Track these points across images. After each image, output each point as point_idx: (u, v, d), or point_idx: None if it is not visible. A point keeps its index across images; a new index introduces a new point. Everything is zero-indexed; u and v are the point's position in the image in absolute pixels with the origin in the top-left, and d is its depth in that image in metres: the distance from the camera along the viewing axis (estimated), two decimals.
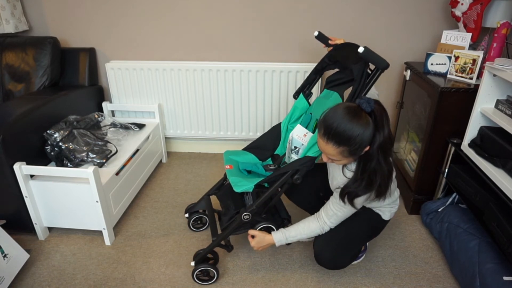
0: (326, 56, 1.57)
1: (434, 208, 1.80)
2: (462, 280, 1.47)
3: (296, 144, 1.52)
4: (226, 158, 1.63)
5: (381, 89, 2.34)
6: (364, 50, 1.20)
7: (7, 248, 1.52)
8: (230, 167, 1.55)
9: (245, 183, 1.42)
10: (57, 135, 1.75)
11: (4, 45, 2.12)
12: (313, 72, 1.63)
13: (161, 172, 2.40)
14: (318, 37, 1.56)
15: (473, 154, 1.54)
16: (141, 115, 2.46)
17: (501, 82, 1.47)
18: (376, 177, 1.20)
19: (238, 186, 1.41)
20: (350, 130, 1.11)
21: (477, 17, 1.75)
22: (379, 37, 2.19)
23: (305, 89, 1.66)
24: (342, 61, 1.50)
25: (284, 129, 1.70)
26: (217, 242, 1.51)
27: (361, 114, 1.12)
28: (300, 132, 1.52)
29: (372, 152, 1.16)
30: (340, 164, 1.26)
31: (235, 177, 1.46)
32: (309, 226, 1.41)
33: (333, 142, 1.14)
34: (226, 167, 1.55)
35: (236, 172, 1.54)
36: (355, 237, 1.46)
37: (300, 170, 1.39)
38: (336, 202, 1.34)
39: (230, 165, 1.57)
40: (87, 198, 1.64)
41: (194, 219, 1.82)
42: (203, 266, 1.51)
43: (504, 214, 1.33)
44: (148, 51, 2.36)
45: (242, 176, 1.52)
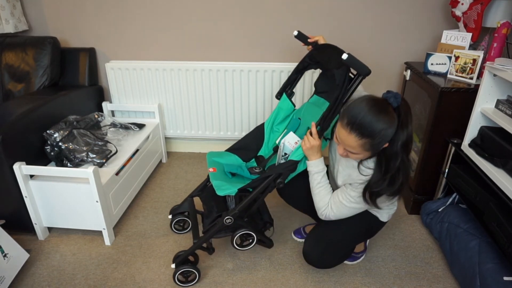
0: (307, 56, 1.56)
1: (434, 208, 1.80)
2: (462, 280, 1.47)
3: (287, 151, 1.50)
4: (209, 160, 1.60)
5: (381, 89, 2.34)
6: (347, 57, 1.19)
7: (7, 248, 1.52)
8: (213, 170, 1.53)
9: (228, 187, 1.41)
10: (57, 135, 1.75)
11: (4, 45, 2.12)
12: (294, 72, 1.60)
13: (161, 172, 2.39)
14: (298, 36, 1.54)
15: (473, 154, 1.53)
16: (141, 115, 2.46)
17: (501, 82, 1.47)
18: (399, 175, 1.18)
19: (221, 190, 1.39)
20: (376, 122, 1.09)
21: (477, 17, 1.75)
22: (379, 37, 2.19)
23: (287, 89, 1.65)
24: (324, 63, 1.50)
25: (268, 130, 1.68)
26: (198, 244, 1.50)
27: (388, 109, 1.11)
28: (292, 140, 1.50)
29: (396, 150, 1.14)
30: (356, 158, 1.24)
31: (218, 181, 1.44)
32: (324, 194, 1.37)
33: (357, 133, 1.12)
34: (210, 169, 1.53)
35: (220, 175, 1.52)
36: (348, 237, 1.45)
37: (283, 174, 1.39)
38: (346, 193, 1.31)
39: (214, 167, 1.55)
40: (87, 198, 1.64)
41: (177, 221, 1.81)
42: (184, 268, 1.50)
43: (504, 214, 1.33)
44: (148, 51, 2.36)
45: (225, 179, 1.50)
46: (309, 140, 1.33)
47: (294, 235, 1.80)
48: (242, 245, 1.56)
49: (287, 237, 1.80)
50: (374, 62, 2.26)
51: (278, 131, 1.69)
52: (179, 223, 1.82)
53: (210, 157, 1.63)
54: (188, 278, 1.53)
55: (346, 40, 2.20)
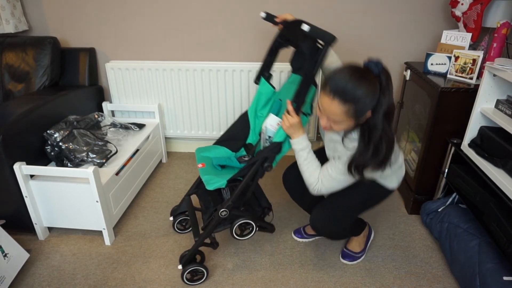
0: (278, 35, 1.54)
1: (434, 208, 1.80)
2: (462, 280, 1.47)
3: (270, 133, 1.50)
4: (198, 156, 1.59)
5: None
6: (309, 28, 1.19)
7: (7, 248, 1.52)
8: (202, 166, 1.52)
9: (217, 180, 1.40)
10: (57, 135, 1.75)
11: (4, 45, 2.12)
12: (268, 54, 1.58)
13: (161, 172, 2.40)
14: (267, 18, 1.52)
15: (473, 154, 1.54)
16: (141, 115, 2.46)
17: (501, 82, 1.47)
18: (382, 145, 1.18)
19: (210, 184, 1.39)
20: (358, 87, 1.10)
21: (477, 17, 1.75)
22: (379, 37, 2.19)
23: (264, 72, 1.62)
24: (293, 40, 1.44)
25: (252, 116, 1.66)
26: (200, 242, 1.50)
27: (369, 75, 1.12)
28: (273, 122, 1.50)
29: (377, 119, 1.15)
30: (339, 129, 1.23)
31: (207, 176, 1.43)
32: (312, 169, 1.35)
33: (340, 98, 1.12)
34: (199, 165, 1.52)
35: (209, 169, 1.51)
36: (354, 204, 1.44)
37: (269, 157, 1.39)
38: (335, 166, 1.29)
39: (202, 163, 1.53)
40: (87, 198, 1.64)
41: (179, 220, 1.81)
42: (192, 267, 1.50)
43: (504, 214, 1.33)
44: (148, 51, 2.36)
45: (215, 172, 1.49)
46: (287, 119, 1.32)
47: (294, 235, 1.80)
48: (243, 235, 1.55)
49: (287, 237, 1.80)
50: None
51: (263, 116, 1.66)
52: (181, 223, 1.82)
53: (199, 152, 1.62)
54: (195, 277, 1.53)
55: (346, 40, 2.20)
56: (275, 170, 1.56)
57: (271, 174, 2.38)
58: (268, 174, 1.62)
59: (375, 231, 1.84)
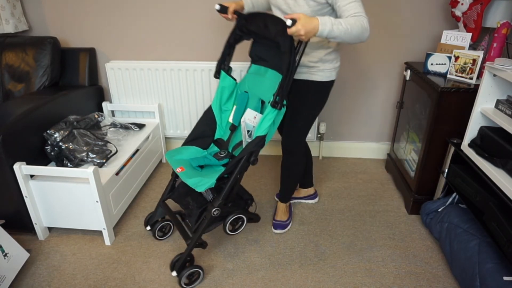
0: (237, 28, 1.53)
1: (434, 208, 1.80)
2: (462, 280, 1.47)
3: (249, 128, 1.52)
4: (171, 161, 1.54)
5: (381, 89, 2.34)
6: (292, 23, 1.19)
7: (8, 248, 1.52)
8: (181, 169, 1.47)
9: (206, 181, 1.39)
10: (57, 135, 1.75)
11: (4, 45, 2.12)
12: (226, 47, 1.58)
13: (161, 172, 2.39)
14: (221, 10, 1.50)
15: (473, 154, 1.54)
16: (141, 115, 2.46)
17: (501, 82, 1.47)
18: None
19: (201, 186, 1.37)
20: None
21: (477, 17, 1.75)
22: (379, 37, 2.19)
23: (223, 66, 1.62)
24: (260, 32, 1.43)
25: (218, 111, 1.66)
26: (193, 244, 1.48)
27: None
28: (251, 115, 1.52)
29: None
30: None
31: (193, 178, 1.40)
32: (353, 22, 1.25)
33: None
34: (177, 170, 1.47)
35: (190, 172, 1.47)
36: (312, 110, 1.60)
37: (254, 151, 1.41)
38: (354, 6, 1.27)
39: (181, 167, 1.49)
40: (87, 198, 1.64)
41: (159, 227, 1.76)
42: (187, 271, 1.48)
43: (504, 214, 1.33)
44: (148, 51, 2.36)
45: (197, 174, 1.48)
46: (297, 26, 1.20)
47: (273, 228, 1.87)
48: (234, 230, 1.58)
49: (286, 237, 1.80)
50: (374, 62, 2.26)
51: (228, 109, 1.67)
52: (161, 230, 1.79)
53: (171, 156, 1.57)
54: (193, 279, 1.53)
55: None
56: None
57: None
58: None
59: (375, 231, 1.84)
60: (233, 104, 1.66)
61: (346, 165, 2.48)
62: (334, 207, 2.03)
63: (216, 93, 1.66)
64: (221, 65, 1.62)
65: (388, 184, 2.25)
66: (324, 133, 2.49)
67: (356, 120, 2.47)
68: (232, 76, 1.64)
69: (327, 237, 1.80)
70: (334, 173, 2.37)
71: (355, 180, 2.30)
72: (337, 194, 2.15)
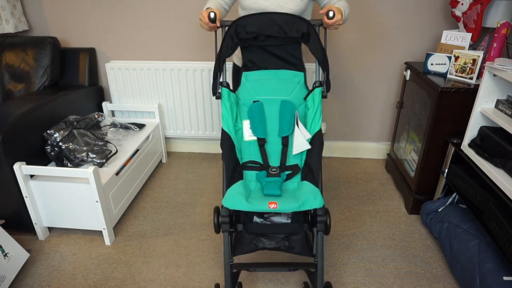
0: (234, 35, 1.39)
1: (434, 208, 1.80)
2: (462, 280, 1.47)
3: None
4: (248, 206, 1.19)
5: (381, 89, 2.34)
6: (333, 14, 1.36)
7: (8, 248, 1.52)
8: (275, 204, 1.20)
9: (314, 194, 1.22)
10: (57, 135, 1.75)
11: (4, 45, 2.12)
12: (221, 60, 1.42)
13: (161, 172, 2.40)
14: (214, 19, 1.41)
15: (473, 154, 1.54)
16: (141, 115, 2.46)
17: (501, 82, 1.47)
18: None
19: (317, 200, 1.21)
20: None
21: (477, 17, 1.75)
22: (379, 37, 2.19)
23: (223, 81, 1.45)
24: (276, 33, 1.38)
25: (233, 133, 1.40)
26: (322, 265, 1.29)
27: None
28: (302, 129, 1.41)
29: None
30: None
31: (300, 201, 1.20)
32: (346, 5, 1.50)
33: None
34: (272, 207, 1.20)
35: (284, 200, 1.24)
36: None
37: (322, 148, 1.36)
38: None
39: (272, 202, 1.21)
40: (87, 198, 1.64)
41: None
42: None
43: (504, 214, 1.33)
44: (148, 51, 2.36)
45: (291, 197, 1.27)
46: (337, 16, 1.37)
47: None
48: None
49: None
50: (374, 62, 2.26)
51: (240, 128, 1.48)
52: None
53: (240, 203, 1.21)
54: None
55: (346, 40, 2.20)
56: None
57: None
58: None
59: (375, 231, 1.84)
60: (241, 120, 1.48)
61: (346, 165, 2.48)
62: (334, 207, 2.03)
63: (225, 113, 1.39)
64: (219, 81, 1.44)
65: (388, 184, 2.25)
66: (324, 133, 2.49)
67: (356, 120, 2.47)
68: (231, 89, 1.46)
69: (328, 237, 1.80)
70: (334, 173, 2.37)
71: (355, 180, 2.30)
72: (337, 194, 2.15)
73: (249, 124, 1.47)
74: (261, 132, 1.45)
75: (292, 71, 1.48)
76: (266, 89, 1.49)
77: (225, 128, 1.38)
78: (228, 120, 1.39)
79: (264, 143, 1.46)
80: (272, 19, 1.38)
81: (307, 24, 1.37)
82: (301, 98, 1.48)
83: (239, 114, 1.49)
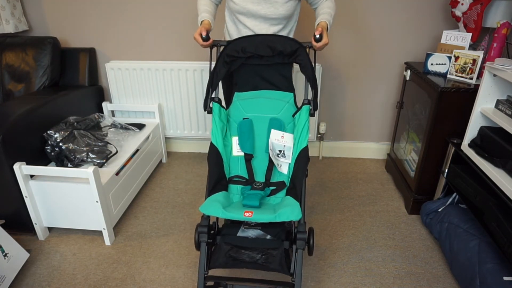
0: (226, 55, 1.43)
1: (434, 208, 1.80)
2: (462, 280, 1.47)
3: (279, 148, 1.44)
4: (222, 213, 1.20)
5: (381, 89, 2.35)
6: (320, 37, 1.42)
7: (8, 248, 1.52)
8: (251, 213, 1.21)
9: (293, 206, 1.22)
10: (57, 135, 1.75)
11: (4, 45, 2.12)
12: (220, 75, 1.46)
13: (161, 172, 2.40)
14: (207, 38, 1.45)
15: (473, 154, 1.54)
16: (141, 115, 2.46)
17: (501, 82, 1.47)
18: None
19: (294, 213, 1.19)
20: None
21: (477, 17, 1.75)
22: (379, 37, 2.19)
23: (214, 96, 1.48)
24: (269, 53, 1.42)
25: (222, 147, 1.45)
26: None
27: None
28: (277, 136, 1.44)
29: None
30: None
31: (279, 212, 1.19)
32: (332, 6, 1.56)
33: None
34: (247, 215, 1.20)
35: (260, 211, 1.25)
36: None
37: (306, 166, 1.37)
38: None
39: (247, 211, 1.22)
40: (87, 198, 1.64)
41: None
42: None
43: (504, 214, 1.33)
44: (148, 51, 2.36)
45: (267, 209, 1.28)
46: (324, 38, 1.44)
47: None
48: None
49: None
50: (374, 62, 2.26)
51: (228, 143, 1.52)
52: None
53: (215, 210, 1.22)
54: None
55: (346, 40, 2.20)
56: None
57: None
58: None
59: (375, 231, 1.84)
60: (231, 136, 1.52)
61: (346, 165, 2.48)
62: (334, 207, 2.03)
63: (215, 128, 1.45)
64: (211, 97, 1.47)
65: (388, 184, 2.25)
66: (324, 133, 2.49)
67: (356, 120, 2.47)
68: (223, 106, 1.50)
69: (327, 237, 1.80)
70: (334, 173, 2.37)
71: (355, 180, 2.30)
72: (337, 194, 2.15)
73: (238, 140, 1.51)
74: (249, 148, 1.49)
75: (282, 91, 1.52)
76: (256, 107, 1.53)
77: (213, 142, 1.44)
78: (217, 135, 1.44)
79: (251, 158, 1.50)
80: (264, 39, 1.44)
81: (298, 45, 1.42)
82: (289, 116, 1.51)
83: (229, 130, 1.53)
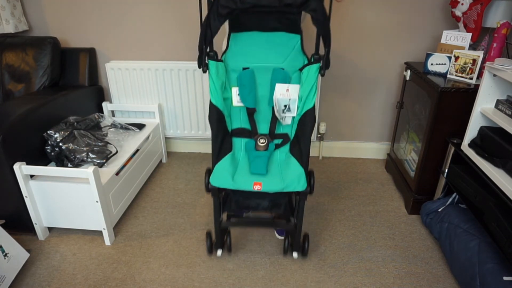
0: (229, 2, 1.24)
1: (434, 208, 1.80)
2: (462, 280, 1.47)
3: (284, 102, 1.35)
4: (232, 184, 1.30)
5: (381, 89, 2.34)
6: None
7: (8, 247, 1.52)
8: (260, 185, 1.28)
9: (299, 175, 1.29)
10: (57, 135, 1.75)
11: (4, 45, 2.12)
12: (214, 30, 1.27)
13: (161, 172, 2.40)
14: None
15: (473, 154, 1.54)
16: (141, 115, 2.46)
17: (501, 82, 1.47)
18: None
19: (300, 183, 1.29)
20: None
21: (477, 17, 1.75)
22: (379, 37, 2.19)
23: (209, 51, 1.33)
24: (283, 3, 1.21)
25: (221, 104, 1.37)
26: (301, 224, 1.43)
27: None
28: (282, 89, 1.34)
29: None
30: None
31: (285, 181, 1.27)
32: None
33: None
34: (256, 188, 1.28)
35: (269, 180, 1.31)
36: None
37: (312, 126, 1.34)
38: None
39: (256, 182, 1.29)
40: (87, 198, 1.64)
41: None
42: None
43: (504, 214, 1.33)
44: (148, 51, 2.36)
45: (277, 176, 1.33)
46: None
47: (276, 233, 1.82)
48: None
49: None
50: (374, 62, 2.26)
51: (229, 96, 1.43)
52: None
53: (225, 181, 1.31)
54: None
55: (346, 40, 2.20)
56: None
57: None
58: None
59: (375, 231, 1.84)
60: (230, 87, 1.42)
61: (346, 165, 2.48)
62: (334, 207, 2.03)
63: (213, 87, 1.35)
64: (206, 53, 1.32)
65: (388, 184, 2.25)
66: (324, 133, 2.49)
67: (356, 120, 2.47)
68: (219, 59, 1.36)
69: (327, 237, 1.80)
70: (334, 173, 2.37)
71: (355, 180, 2.30)
72: (337, 194, 2.15)
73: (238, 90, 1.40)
74: (251, 102, 1.39)
75: (286, 33, 1.33)
76: (257, 55, 1.37)
77: (213, 101, 1.35)
78: (216, 94, 1.35)
79: (254, 112, 1.42)
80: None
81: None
82: (296, 65, 1.36)
83: (227, 81, 1.40)
